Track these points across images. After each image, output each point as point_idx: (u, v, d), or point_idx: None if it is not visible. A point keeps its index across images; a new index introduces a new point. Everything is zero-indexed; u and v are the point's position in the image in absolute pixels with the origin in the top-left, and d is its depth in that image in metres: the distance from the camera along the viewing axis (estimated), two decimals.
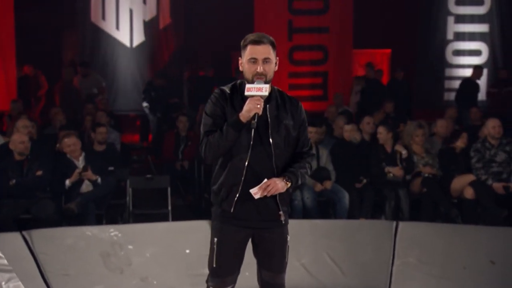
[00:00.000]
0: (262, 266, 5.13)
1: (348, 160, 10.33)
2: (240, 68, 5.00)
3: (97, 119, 12.31)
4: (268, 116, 4.84)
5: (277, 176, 4.88)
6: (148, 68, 16.08)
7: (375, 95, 14.25)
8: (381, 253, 7.13)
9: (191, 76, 16.15)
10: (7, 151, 9.74)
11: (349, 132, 10.55)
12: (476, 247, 7.13)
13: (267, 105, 4.84)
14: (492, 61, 15.73)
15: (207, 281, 5.21)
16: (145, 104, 14.58)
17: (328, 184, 10.06)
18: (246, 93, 4.76)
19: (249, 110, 4.71)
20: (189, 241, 7.38)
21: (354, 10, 16.06)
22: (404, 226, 7.37)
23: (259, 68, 4.83)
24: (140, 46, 16.06)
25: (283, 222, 5.02)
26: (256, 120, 4.73)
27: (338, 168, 10.31)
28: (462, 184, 9.93)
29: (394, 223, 7.38)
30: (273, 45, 4.95)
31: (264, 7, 15.84)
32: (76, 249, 7.19)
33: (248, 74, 4.88)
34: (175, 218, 10.16)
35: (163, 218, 10.06)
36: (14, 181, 9.32)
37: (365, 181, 9.86)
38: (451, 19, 15.58)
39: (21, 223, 9.27)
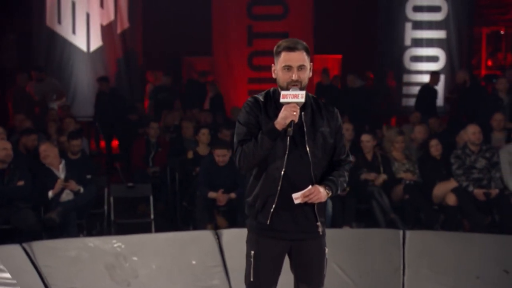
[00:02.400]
0: (299, 280, 5.04)
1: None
2: (273, 76, 4.92)
3: (65, 127, 12.05)
4: (304, 123, 4.78)
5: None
6: (106, 73, 15.79)
7: (333, 101, 14.30)
8: (391, 263, 7.10)
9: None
10: None
11: None
12: (488, 256, 7.12)
13: (302, 113, 4.77)
14: (450, 67, 15.89)
15: None
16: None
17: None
18: (282, 100, 4.69)
19: (285, 117, 4.63)
20: (194, 252, 7.30)
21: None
22: (412, 235, 7.35)
23: (294, 76, 4.75)
24: (98, 50, 15.82)
25: (321, 233, 4.95)
26: (292, 127, 4.64)
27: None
28: (444, 190, 10.02)
29: (401, 232, 7.37)
30: (307, 51, 4.86)
31: (222, 12, 15.82)
32: (80, 261, 7.04)
33: (282, 82, 4.80)
34: (156, 227, 10.07)
35: (146, 227, 9.91)
36: None
37: (348, 189, 9.81)
38: (409, 25, 15.71)
39: (3, 234, 9.13)
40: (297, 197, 4.71)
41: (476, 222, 9.79)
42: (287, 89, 4.73)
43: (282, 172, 4.76)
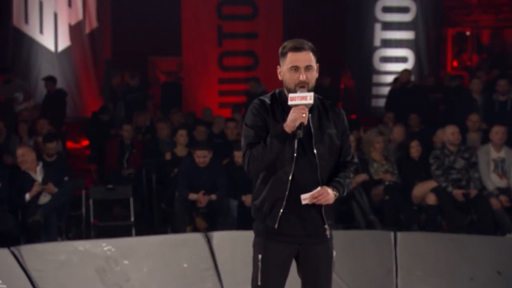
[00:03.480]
0: (307, 284, 4.98)
1: None
2: (280, 77, 4.86)
3: (38, 128, 11.88)
4: (311, 126, 4.72)
5: None
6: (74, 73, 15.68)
7: None
8: (384, 264, 7.10)
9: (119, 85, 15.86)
10: None
11: None
12: (481, 257, 7.15)
13: (309, 115, 4.69)
14: (418, 68, 15.99)
15: None
16: None
17: None
18: (290, 102, 4.62)
19: (295, 119, 4.56)
20: (185, 255, 7.25)
21: None
22: (403, 236, 7.36)
23: (302, 77, 4.68)
24: (66, 51, 15.67)
25: (328, 236, 4.91)
26: (302, 129, 4.59)
27: None
28: (423, 191, 10.05)
29: (392, 234, 7.36)
30: (314, 51, 4.79)
31: (192, 12, 15.73)
32: (70, 265, 6.96)
33: (289, 83, 4.72)
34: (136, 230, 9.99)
35: (126, 230, 9.82)
36: None
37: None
38: (378, 26, 15.81)
39: None
40: (306, 198, 4.67)
41: (455, 222, 9.84)
42: (295, 90, 4.66)
43: (291, 176, 4.72)
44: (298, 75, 4.69)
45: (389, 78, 15.82)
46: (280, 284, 4.96)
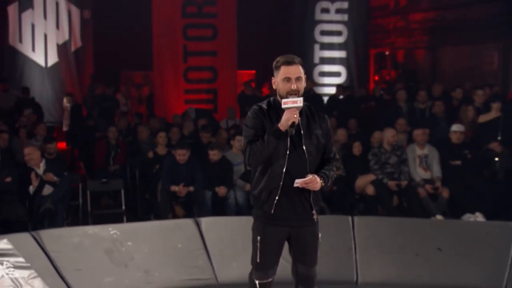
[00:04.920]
0: (297, 261, 5.02)
1: None
2: (274, 87, 4.93)
3: (37, 131, 11.69)
4: (301, 127, 4.79)
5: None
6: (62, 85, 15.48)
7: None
8: (345, 244, 7.10)
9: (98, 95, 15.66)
10: None
11: None
12: (424, 236, 7.20)
13: (299, 118, 4.76)
14: (349, 81, 16.09)
15: (250, 274, 5.11)
16: None
17: None
18: (283, 106, 4.70)
19: (288, 119, 4.66)
20: (178, 237, 7.19)
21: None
22: (360, 220, 7.38)
23: (293, 86, 4.76)
24: (54, 66, 15.50)
25: (315, 220, 4.95)
26: (293, 128, 4.69)
27: None
28: (364, 182, 10.13)
29: (350, 218, 7.38)
30: (302, 64, 4.89)
31: (162, 34, 15.55)
32: (82, 247, 6.85)
33: (282, 92, 4.80)
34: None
35: (119, 217, 9.70)
36: None
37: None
38: (317, 46, 15.83)
39: None
40: (298, 182, 4.71)
41: (389, 208, 9.95)
42: (287, 97, 4.72)
43: (284, 169, 4.76)
44: (290, 85, 4.76)
45: (326, 90, 15.93)
46: (275, 261, 5.00)
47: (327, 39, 15.88)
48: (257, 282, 4.96)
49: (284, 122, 4.66)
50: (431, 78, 17.70)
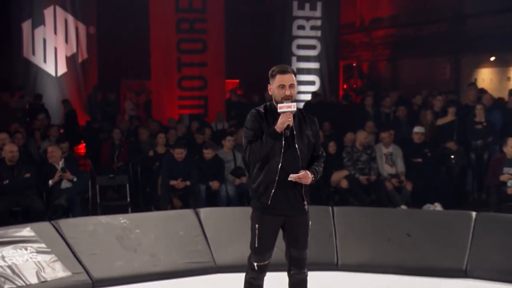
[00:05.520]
0: (290, 245, 4.98)
1: None
2: (270, 93, 4.89)
3: (50, 133, 11.57)
4: (294, 129, 4.77)
5: None
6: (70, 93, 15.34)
7: (241, 112, 14.41)
8: (326, 230, 7.07)
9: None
10: None
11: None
12: (395, 224, 7.18)
13: (292, 121, 4.73)
14: (322, 89, 16.09)
15: (249, 258, 5.03)
16: None
17: (244, 180, 9.96)
18: (279, 110, 4.68)
19: (283, 122, 4.64)
20: (180, 225, 7.12)
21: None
22: (339, 210, 7.36)
23: (287, 92, 4.74)
24: (63, 75, 15.33)
25: (306, 210, 4.95)
26: (288, 130, 4.68)
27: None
28: (339, 177, 10.13)
29: (330, 208, 7.36)
30: (294, 73, 4.87)
31: (159, 48, 15.43)
32: (96, 234, 6.78)
33: (277, 97, 4.77)
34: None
35: (124, 208, 9.61)
36: (7, 181, 8.78)
37: None
38: (294, 58, 15.79)
39: (13, 214, 8.84)
40: (292, 177, 4.69)
41: (361, 199, 9.97)
42: (282, 102, 4.71)
43: (280, 165, 4.75)
44: (284, 91, 4.74)
45: (303, 96, 15.88)
46: (271, 246, 4.96)
47: (302, 52, 15.86)
48: (255, 264, 4.91)
49: (280, 125, 4.64)
50: (392, 86, 17.78)
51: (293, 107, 4.67)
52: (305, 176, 4.72)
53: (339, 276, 6.77)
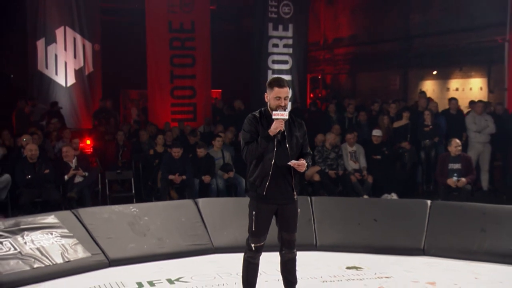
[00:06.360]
0: (282, 229, 4.99)
1: (241, 158, 10.24)
2: (266, 100, 4.90)
3: (63, 135, 11.41)
4: (285, 130, 4.79)
5: (294, 170, 4.82)
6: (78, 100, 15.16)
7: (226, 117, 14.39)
8: (305, 217, 7.04)
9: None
10: (21, 156, 9.16)
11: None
12: (363, 211, 7.20)
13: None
14: (293, 98, 16.04)
15: (247, 240, 5.02)
16: None
17: (231, 174, 9.96)
18: (274, 117, 4.69)
19: (276, 128, 4.68)
20: (182, 213, 7.11)
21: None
22: (316, 200, 7.38)
23: (282, 103, 4.77)
24: (72, 86, 15.12)
25: (295, 199, 4.96)
26: (279, 134, 4.72)
27: (237, 163, 10.22)
28: (312, 172, 10.16)
29: (309, 198, 7.37)
30: (289, 86, 4.88)
31: (154, 62, 15.33)
32: (111, 220, 6.74)
33: (273, 105, 4.79)
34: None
35: (129, 199, 9.53)
36: (29, 176, 8.78)
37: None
38: (270, 72, 15.68)
39: (35, 204, 8.79)
40: (292, 163, 4.71)
41: (330, 190, 10.02)
42: (276, 110, 4.73)
43: (273, 162, 4.75)
44: (280, 102, 4.76)
45: None
46: (266, 229, 4.96)
47: (277, 66, 15.82)
48: (252, 245, 4.91)
49: (274, 130, 4.67)
50: (351, 95, 17.87)
51: (285, 115, 4.69)
52: (302, 164, 4.74)
53: (318, 255, 6.80)
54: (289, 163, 4.71)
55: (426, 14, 16.43)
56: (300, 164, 4.72)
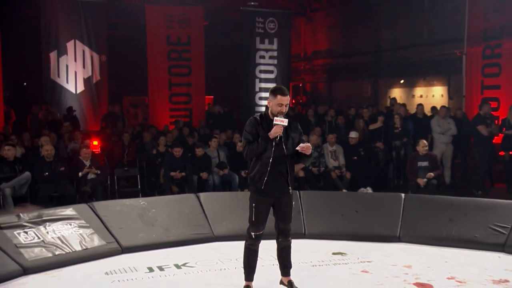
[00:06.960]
0: (278, 219, 5.01)
1: (234, 157, 10.24)
2: (268, 105, 4.90)
3: (75, 137, 11.28)
4: (282, 132, 4.79)
5: (289, 167, 4.85)
6: (86, 106, 14.99)
7: (219, 120, 14.34)
8: (295, 209, 6.82)
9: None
10: (39, 155, 9.10)
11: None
12: (346, 203, 7.24)
13: None
14: None
15: (248, 229, 5.03)
16: None
17: (226, 171, 9.94)
18: (274, 122, 4.72)
19: (276, 133, 4.72)
20: (186, 206, 7.08)
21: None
22: (304, 194, 7.37)
23: (283, 110, 4.79)
24: (82, 93, 14.91)
25: (291, 193, 4.97)
26: (278, 137, 4.73)
27: (231, 162, 10.20)
28: (297, 169, 10.09)
29: (298, 192, 7.34)
30: (289, 94, 4.88)
31: (154, 71, 15.28)
32: (122, 212, 6.70)
33: (274, 111, 4.81)
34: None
35: (136, 194, 9.47)
36: (46, 173, 8.72)
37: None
38: (257, 80, 15.67)
39: (52, 199, 8.70)
40: (300, 147, 4.70)
41: (313, 185, 10.03)
42: (277, 115, 4.75)
43: (271, 160, 4.76)
44: (281, 109, 4.78)
45: (263, 109, 15.71)
46: (265, 220, 4.97)
47: (263, 75, 15.83)
48: (252, 234, 4.92)
49: (273, 134, 4.69)
50: (328, 101, 17.95)
51: (285, 122, 4.70)
52: (308, 147, 4.75)
53: (307, 242, 6.80)
54: (297, 148, 4.71)
55: (394, 30, 16.58)
56: (306, 147, 4.71)
